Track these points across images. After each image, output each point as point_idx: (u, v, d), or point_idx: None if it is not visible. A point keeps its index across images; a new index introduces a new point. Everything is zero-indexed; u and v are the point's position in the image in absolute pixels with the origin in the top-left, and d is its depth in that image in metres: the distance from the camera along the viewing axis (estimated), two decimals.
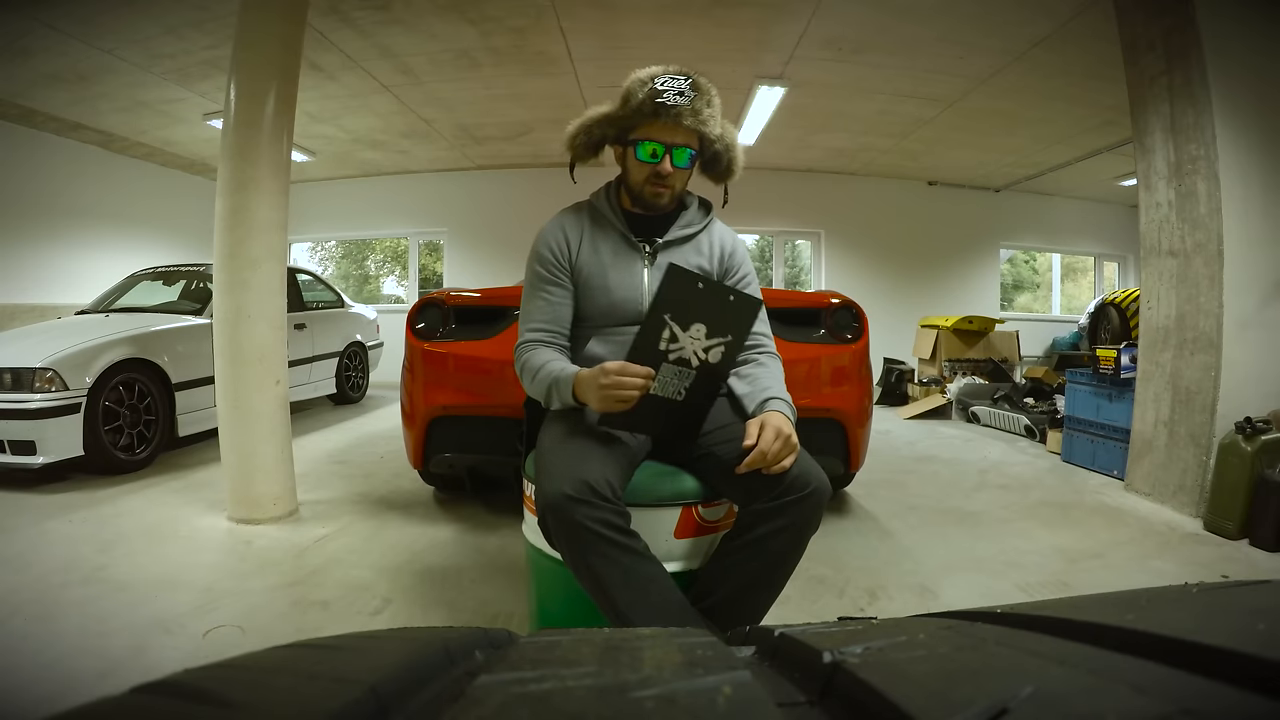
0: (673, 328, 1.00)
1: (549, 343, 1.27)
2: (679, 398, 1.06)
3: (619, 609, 0.99)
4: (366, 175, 7.07)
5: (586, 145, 1.30)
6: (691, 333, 1.01)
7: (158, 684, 0.28)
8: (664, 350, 1.02)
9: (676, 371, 1.04)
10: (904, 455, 3.77)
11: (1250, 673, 0.23)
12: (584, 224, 1.33)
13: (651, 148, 1.22)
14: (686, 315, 1.00)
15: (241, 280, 2.36)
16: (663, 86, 1.19)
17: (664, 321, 1.00)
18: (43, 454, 2.72)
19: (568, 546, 1.01)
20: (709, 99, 1.23)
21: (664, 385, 1.05)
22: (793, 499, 1.04)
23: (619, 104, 1.25)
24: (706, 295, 1.01)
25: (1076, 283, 10.49)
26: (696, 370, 1.04)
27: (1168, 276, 2.76)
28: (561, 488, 0.98)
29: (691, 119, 1.20)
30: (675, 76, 1.20)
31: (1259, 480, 2.25)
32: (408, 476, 2.99)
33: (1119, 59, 2.94)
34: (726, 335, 1.03)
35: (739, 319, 1.04)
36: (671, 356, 1.03)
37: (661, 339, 1.01)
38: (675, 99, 1.18)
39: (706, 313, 1.01)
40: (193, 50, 3.90)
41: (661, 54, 4.04)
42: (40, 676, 1.34)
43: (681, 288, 0.99)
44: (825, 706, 0.29)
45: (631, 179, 1.29)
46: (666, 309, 0.99)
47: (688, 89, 1.19)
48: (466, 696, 0.28)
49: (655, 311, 1.00)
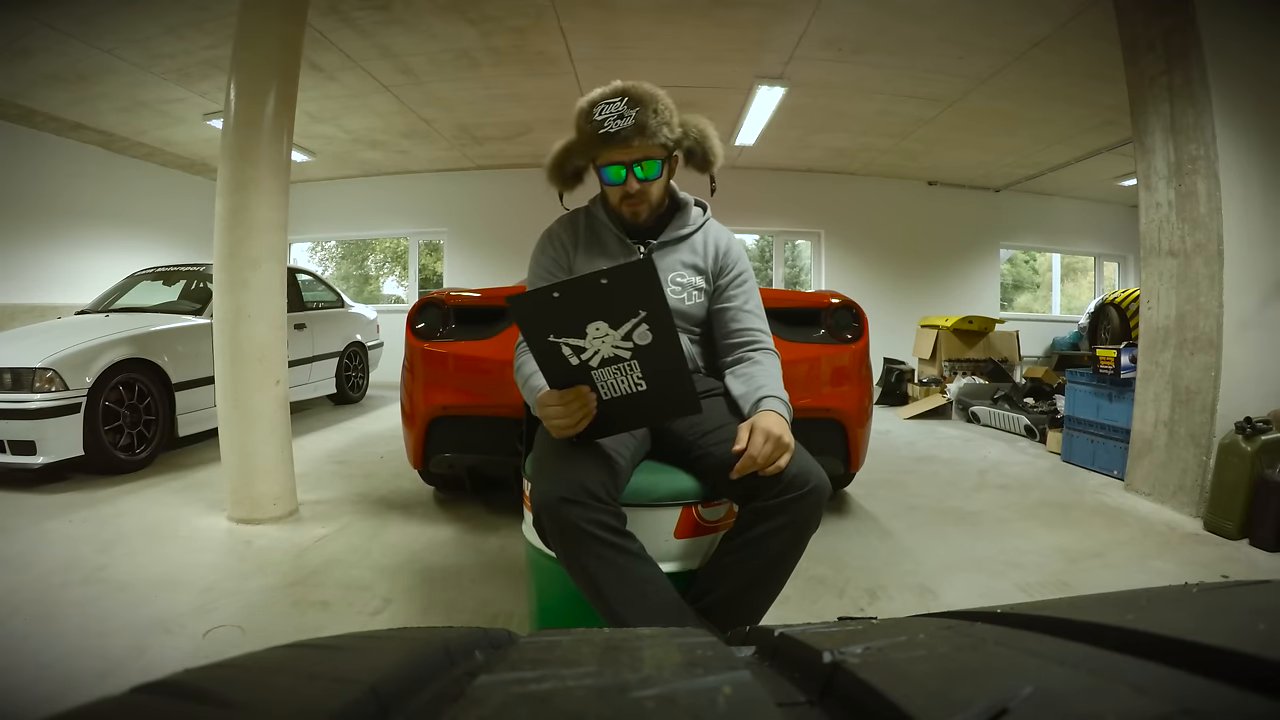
0: (567, 343, 0.94)
1: None
2: (640, 387, 1.00)
3: (614, 610, 0.99)
4: (366, 175, 7.08)
5: (564, 177, 1.31)
6: (592, 334, 0.93)
7: (158, 684, 0.28)
8: (581, 364, 0.96)
9: (614, 370, 0.98)
10: (904, 455, 3.77)
11: (1250, 673, 0.23)
12: (581, 229, 1.36)
13: (614, 171, 1.22)
14: (568, 325, 0.93)
15: (241, 280, 2.36)
16: (600, 116, 1.17)
17: (552, 344, 0.94)
18: (43, 454, 2.72)
19: (562, 547, 1.01)
20: (653, 107, 1.19)
21: (612, 387, 1.00)
22: (792, 497, 1.04)
23: (575, 133, 1.24)
24: (573, 297, 0.91)
25: (1076, 283, 10.49)
26: (634, 358, 0.97)
27: (1168, 276, 2.76)
28: (555, 489, 0.98)
29: (640, 138, 1.18)
30: (610, 100, 1.17)
31: (1259, 480, 2.25)
32: (408, 476, 2.99)
33: (1119, 59, 2.94)
34: (635, 313, 0.92)
35: (635, 291, 0.91)
36: (594, 363, 0.96)
37: (564, 357, 0.95)
38: (616, 124, 1.16)
39: (591, 310, 0.92)
40: (193, 50, 3.90)
41: (661, 54, 4.07)
42: (40, 676, 1.34)
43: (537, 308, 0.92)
44: (825, 706, 0.29)
45: (609, 202, 1.31)
46: (543, 332, 0.93)
47: (625, 108, 1.16)
48: (466, 696, 0.28)
49: (534, 341, 0.94)
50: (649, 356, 0.97)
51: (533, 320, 0.93)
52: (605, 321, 0.92)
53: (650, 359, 0.97)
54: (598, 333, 0.93)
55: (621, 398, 1.01)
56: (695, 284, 1.33)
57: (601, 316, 0.92)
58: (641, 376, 0.99)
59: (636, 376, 0.99)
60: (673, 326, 0.95)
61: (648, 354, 0.96)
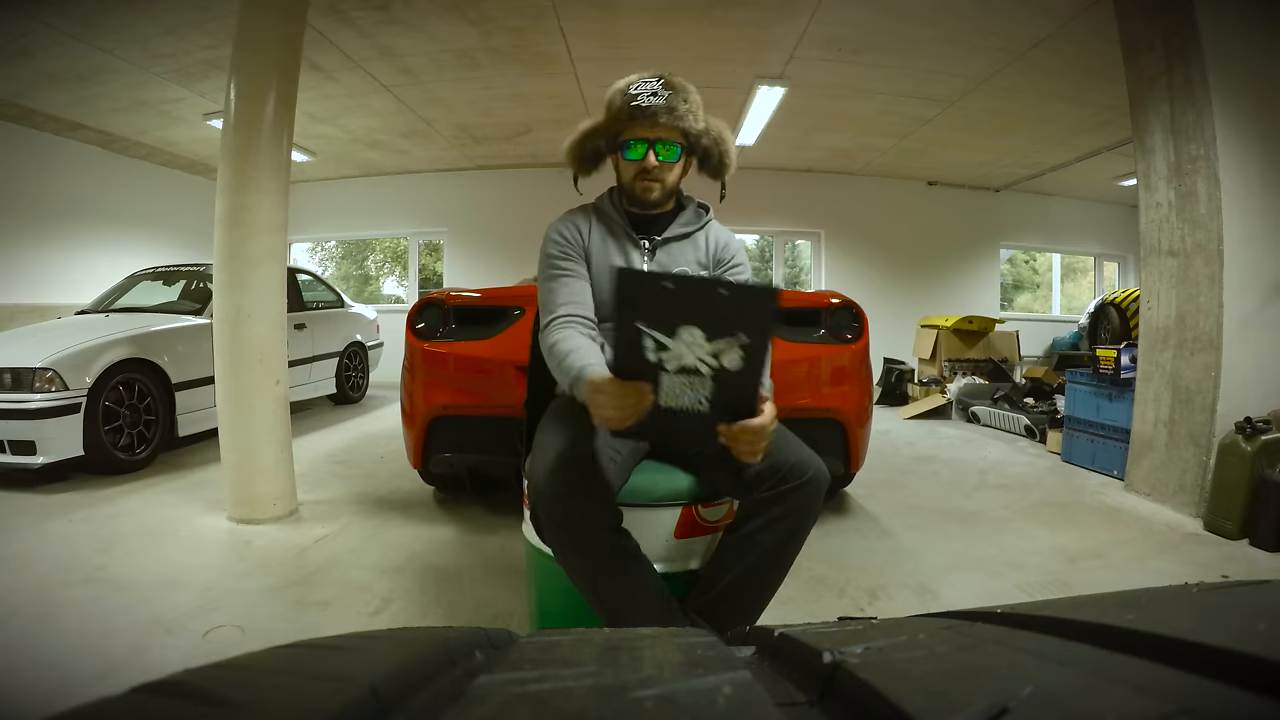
0: (653, 336, 0.89)
1: (580, 325, 1.25)
2: (701, 407, 0.94)
3: (605, 605, 1.01)
4: (366, 175, 7.08)
5: (584, 158, 1.34)
6: (684, 338, 0.88)
7: (158, 684, 0.28)
8: (655, 361, 0.90)
9: (686, 381, 0.92)
10: (904, 455, 3.77)
11: (1250, 673, 0.23)
12: (590, 219, 1.37)
13: (636, 147, 1.27)
14: (667, 319, 0.88)
15: (241, 280, 2.36)
16: (636, 90, 1.24)
17: (638, 330, 0.88)
18: (43, 454, 2.72)
19: (556, 542, 1.03)
20: (685, 95, 1.26)
21: (674, 396, 0.93)
22: (790, 487, 1.05)
23: (604, 115, 1.30)
24: (684, 295, 0.87)
25: (1076, 283, 10.49)
26: (712, 378, 0.91)
27: (1168, 276, 2.76)
28: (551, 483, 1.00)
29: (668, 116, 1.23)
30: (648, 79, 1.25)
31: (1259, 480, 2.25)
32: (408, 476, 2.99)
33: (1119, 59, 2.94)
34: (735, 335, 0.88)
35: (745, 315, 0.87)
36: (669, 366, 0.91)
37: (644, 348, 0.89)
38: (649, 99, 1.22)
39: (694, 314, 0.87)
40: (193, 50, 3.90)
41: (661, 54, 4.07)
42: (40, 676, 1.35)
43: (643, 290, 0.88)
44: (825, 706, 0.29)
45: (624, 180, 1.33)
46: (634, 315, 0.88)
47: (660, 89, 1.23)
48: (467, 696, 0.28)
49: (622, 320, 0.88)
50: (726, 383, 0.92)
51: (631, 299, 0.88)
52: (702, 330, 0.88)
53: (726, 386, 0.93)
54: (690, 338, 0.89)
55: (677, 410, 0.95)
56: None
57: (700, 324, 0.87)
58: (708, 398, 0.93)
59: (704, 396, 0.93)
60: (764, 365, 0.92)
61: (726, 380, 0.92)
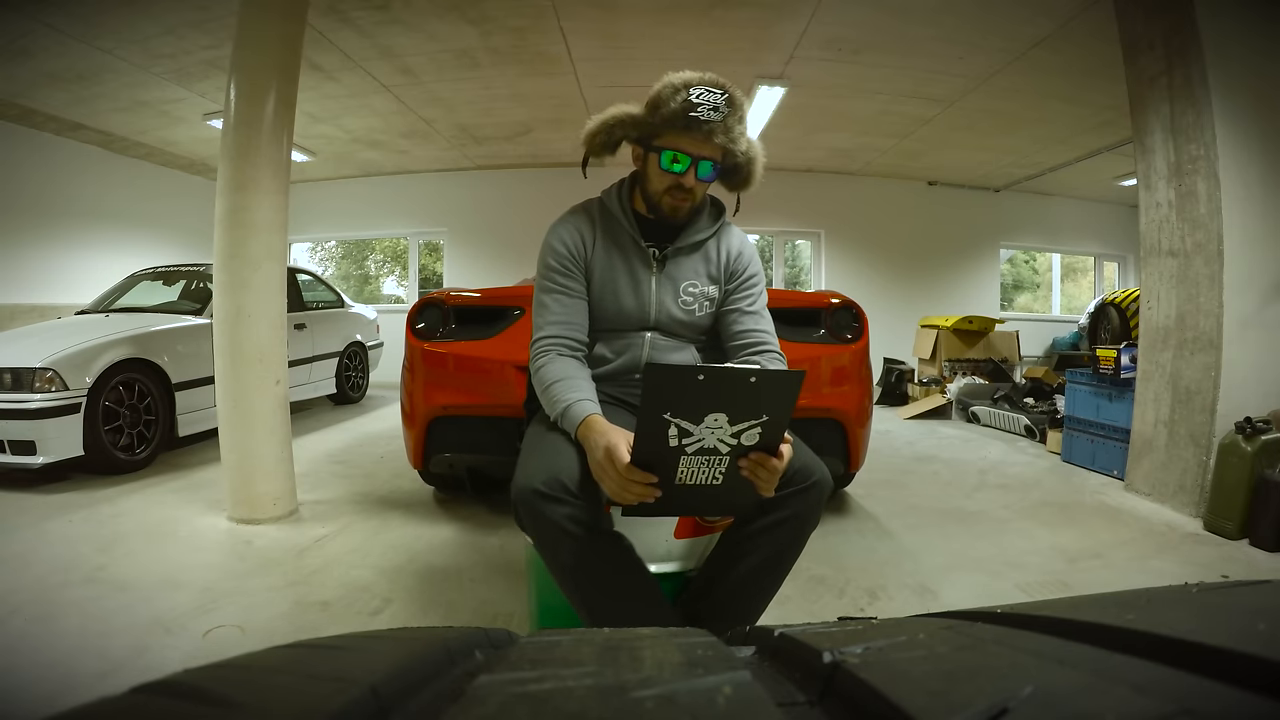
0: (679, 424, 0.88)
1: (569, 348, 1.22)
2: (715, 483, 0.95)
3: (589, 606, 0.99)
4: (366, 175, 7.08)
5: (604, 143, 1.24)
6: (708, 423, 0.88)
7: (158, 684, 0.28)
8: (677, 446, 0.90)
9: (704, 460, 0.92)
10: (904, 455, 3.77)
11: (1250, 673, 0.23)
12: (596, 224, 1.30)
13: (676, 158, 1.17)
14: (695, 409, 0.87)
15: (241, 280, 2.36)
16: (698, 99, 1.12)
17: (665, 421, 0.87)
18: (43, 454, 2.72)
19: (539, 541, 1.01)
20: (741, 115, 1.17)
21: (691, 474, 0.94)
22: (794, 490, 1.04)
23: (646, 108, 1.19)
24: (713, 384, 0.86)
25: (1076, 283, 10.49)
26: (729, 455, 0.92)
27: (1168, 276, 2.76)
28: (532, 483, 0.98)
29: (723, 136, 1.15)
30: (712, 90, 1.13)
31: (1259, 480, 2.25)
32: (408, 476, 2.99)
33: (1119, 59, 2.94)
34: (758, 416, 0.88)
35: (772, 399, 0.88)
36: (690, 448, 0.90)
37: (668, 436, 0.89)
38: (710, 114, 1.12)
39: (720, 401, 0.87)
40: (192, 50, 3.90)
41: (661, 54, 4.07)
42: (40, 676, 1.34)
43: (675, 384, 0.86)
44: (825, 706, 0.29)
45: (651, 186, 1.24)
46: (663, 409, 0.87)
47: (723, 104, 1.13)
48: (467, 696, 0.28)
49: (649, 412, 0.87)
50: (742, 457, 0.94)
51: (660, 391, 0.87)
52: (726, 415, 0.88)
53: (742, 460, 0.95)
54: (714, 423, 0.89)
55: (691, 486, 0.95)
56: (708, 293, 1.30)
57: (726, 410, 0.88)
58: (723, 473, 0.94)
59: (719, 471, 0.94)
60: (782, 436, 0.93)
61: (742, 454, 0.93)
